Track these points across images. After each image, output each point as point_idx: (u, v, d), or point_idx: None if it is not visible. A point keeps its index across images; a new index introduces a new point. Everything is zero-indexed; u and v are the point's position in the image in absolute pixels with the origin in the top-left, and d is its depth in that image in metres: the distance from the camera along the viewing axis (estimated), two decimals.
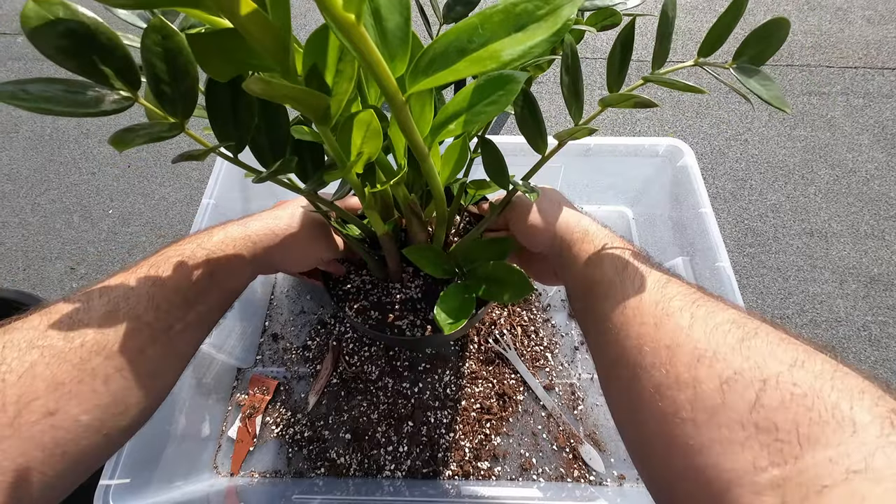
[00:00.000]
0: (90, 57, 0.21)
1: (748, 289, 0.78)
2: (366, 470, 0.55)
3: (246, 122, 0.28)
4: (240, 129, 0.28)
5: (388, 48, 0.23)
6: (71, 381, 0.24)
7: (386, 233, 0.40)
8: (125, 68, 0.22)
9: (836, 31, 1.15)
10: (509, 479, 0.55)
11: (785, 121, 0.99)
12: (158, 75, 0.23)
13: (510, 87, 0.24)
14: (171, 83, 0.23)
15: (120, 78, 0.22)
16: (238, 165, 0.30)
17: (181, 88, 0.24)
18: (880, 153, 0.94)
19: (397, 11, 0.23)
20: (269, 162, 0.31)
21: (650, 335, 0.25)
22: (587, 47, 1.11)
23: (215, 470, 0.56)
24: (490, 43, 0.20)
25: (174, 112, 0.24)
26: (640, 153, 0.64)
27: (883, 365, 0.70)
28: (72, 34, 0.20)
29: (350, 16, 0.18)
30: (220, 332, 0.57)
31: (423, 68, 0.21)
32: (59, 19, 0.20)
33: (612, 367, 0.28)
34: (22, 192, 0.91)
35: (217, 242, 0.36)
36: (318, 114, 0.24)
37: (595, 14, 0.34)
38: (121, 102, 0.23)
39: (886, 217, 0.85)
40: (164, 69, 0.23)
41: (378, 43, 0.23)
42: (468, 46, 0.20)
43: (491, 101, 0.25)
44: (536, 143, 0.36)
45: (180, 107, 0.24)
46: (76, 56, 0.21)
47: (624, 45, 0.31)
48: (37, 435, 0.23)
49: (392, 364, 0.61)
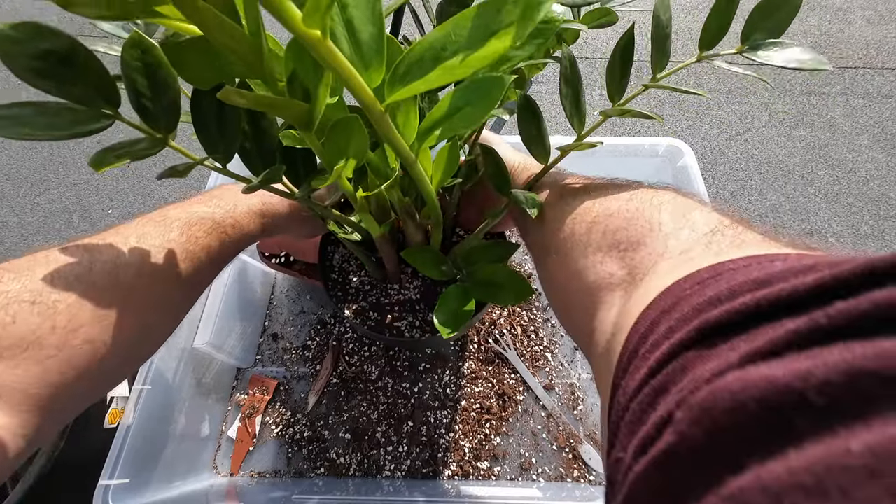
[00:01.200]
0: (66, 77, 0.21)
1: None
2: (365, 470, 0.55)
3: (233, 130, 0.27)
4: (226, 138, 0.28)
5: (362, 59, 0.23)
6: (110, 314, 0.27)
7: (382, 235, 0.40)
8: (104, 86, 0.22)
9: (835, 32, 1.15)
10: (509, 479, 0.55)
11: (785, 121, 0.99)
12: (139, 90, 0.23)
13: (494, 91, 0.23)
14: (152, 98, 0.23)
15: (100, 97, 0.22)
16: (227, 175, 0.30)
17: (163, 102, 0.23)
18: (880, 153, 0.94)
19: (370, 22, 0.22)
20: (258, 170, 0.31)
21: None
22: (587, 47, 1.11)
23: (215, 470, 0.56)
24: (462, 50, 0.19)
25: (157, 127, 0.24)
26: (640, 153, 0.64)
27: None
28: (47, 55, 0.20)
29: (314, 32, 0.17)
30: (220, 331, 0.57)
31: (400, 77, 0.21)
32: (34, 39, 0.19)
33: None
34: (21, 191, 0.91)
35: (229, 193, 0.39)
36: (300, 120, 0.24)
37: (590, 13, 0.34)
38: (100, 119, 0.22)
39: (886, 217, 0.85)
40: (144, 84, 0.23)
41: (353, 54, 0.23)
42: (441, 55, 0.20)
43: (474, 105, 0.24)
44: (540, 155, 0.36)
45: (163, 121, 0.24)
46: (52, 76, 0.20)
47: (623, 53, 0.30)
48: (75, 358, 0.26)
49: (392, 364, 0.61)
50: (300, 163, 0.33)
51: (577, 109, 0.32)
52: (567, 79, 0.32)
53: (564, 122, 0.99)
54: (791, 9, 0.27)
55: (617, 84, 0.31)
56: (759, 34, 0.28)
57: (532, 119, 0.34)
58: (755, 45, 0.28)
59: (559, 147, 0.34)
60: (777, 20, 0.27)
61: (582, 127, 0.33)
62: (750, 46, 0.28)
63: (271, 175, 0.27)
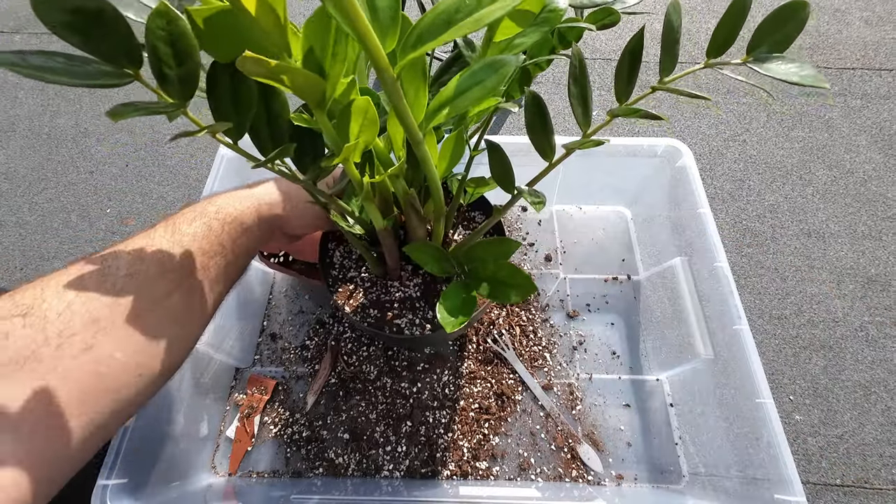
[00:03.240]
0: (94, 33, 0.22)
1: (746, 289, 0.78)
2: (364, 470, 0.55)
3: (246, 106, 0.28)
4: (240, 114, 0.29)
5: (379, 26, 0.24)
6: (105, 318, 0.26)
7: (385, 228, 0.40)
8: (128, 47, 0.23)
9: (833, 33, 1.15)
10: (507, 479, 0.55)
11: (783, 122, 1.00)
12: (161, 58, 0.24)
13: (501, 70, 0.24)
14: (173, 66, 0.24)
15: (123, 56, 0.23)
16: (237, 152, 0.31)
17: (183, 71, 0.24)
18: (878, 154, 0.94)
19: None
20: (268, 150, 0.32)
21: None
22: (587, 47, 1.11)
23: (213, 470, 0.56)
24: (476, 10, 0.20)
25: (174, 93, 0.25)
26: (639, 153, 0.64)
27: (880, 365, 0.71)
28: (77, 11, 0.21)
29: None
30: (218, 331, 0.57)
31: (413, 43, 0.22)
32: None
33: None
34: (19, 191, 0.91)
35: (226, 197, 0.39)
36: (314, 97, 0.25)
37: (594, 13, 0.34)
38: (122, 77, 0.23)
39: (884, 217, 0.86)
40: (167, 52, 0.24)
41: (369, 20, 0.24)
42: (455, 17, 0.21)
43: (481, 86, 0.25)
44: (545, 151, 0.36)
45: (181, 88, 0.25)
46: (80, 32, 0.22)
47: (633, 55, 0.31)
48: (75, 370, 0.24)
49: (390, 364, 0.61)
50: (308, 148, 0.34)
51: (584, 109, 0.33)
52: (576, 78, 0.32)
53: (564, 123, 0.99)
54: (798, 23, 0.28)
55: (625, 85, 0.32)
56: (766, 46, 0.29)
57: (538, 114, 0.35)
58: (761, 58, 0.29)
59: (564, 145, 0.34)
60: (785, 33, 0.28)
61: (588, 125, 0.33)
62: (755, 58, 0.29)
63: (282, 152, 0.28)
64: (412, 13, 0.26)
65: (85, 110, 1.03)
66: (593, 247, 0.73)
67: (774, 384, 0.69)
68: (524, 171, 0.41)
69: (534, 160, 0.39)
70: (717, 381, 0.52)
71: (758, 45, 0.29)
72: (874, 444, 0.65)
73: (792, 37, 0.28)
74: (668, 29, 0.29)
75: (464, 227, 0.53)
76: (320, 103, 0.26)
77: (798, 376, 0.70)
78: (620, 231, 0.74)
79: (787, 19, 0.28)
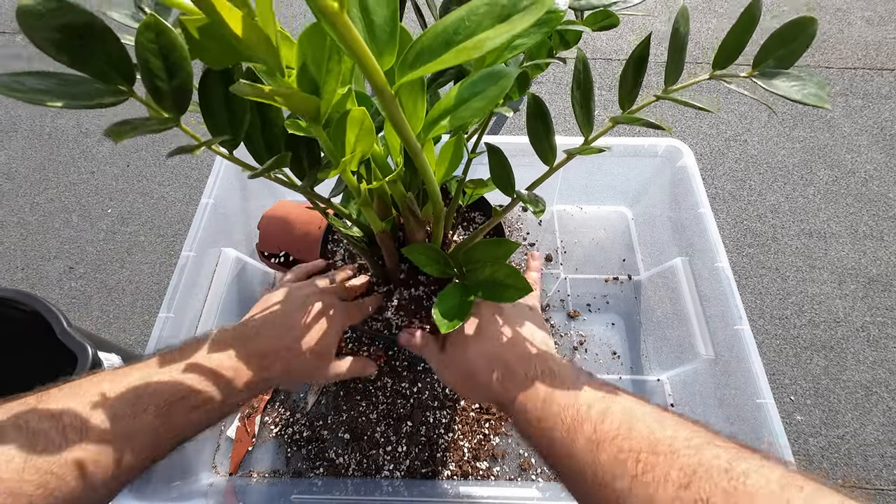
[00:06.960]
0: (85, 51, 0.22)
1: (747, 289, 0.78)
2: (364, 470, 0.55)
3: (239, 117, 0.28)
4: (234, 125, 0.28)
5: (376, 43, 0.23)
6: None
7: (383, 230, 0.40)
8: (120, 63, 0.23)
9: (835, 33, 1.15)
10: (508, 479, 0.55)
11: (784, 122, 0.99)
12: (153, 71, 0.23)
13: (502, 82, 0.24)
14: (165, 79, 0.24)
15: (115, 72, 0.23)
16: (234, 162, 0.30)
17: (176, 83, 0.24)
18: (879, 154, 0.94)
19: (384, 5, 0.23)
20: (264, 158, 0.31)
21: None
22: (586, 48, 1.11)
23: (214, 470, 0.56)
24: (475, 34, 0.20)
25: (168, 107, 0.25)
26: (640, 153, 0.64)
27: (882, 365, 0.71)
28: (66, 28, 0.21)
29: (333, 3, 0.18)
30: None
31: (411, 62, 0.22)
32: (54, 12, 0.20)
33: None
34: (20, 191, 0.91)
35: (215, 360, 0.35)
36: (309, 113, 0.24)
37: (593, 14, 0.34)
38: (116, 95, 0.23)
39: (885, 217, 0.86)
40: (158, 65, 0.23)
41: (366, 37, 0.23)
42: (454, 38, 0.20)
43: (482, 96, 0.25)
44: (546, 155, 0.35)
45: (175, 101, 0.25)
46: (70, 50, 0.21)
47: (637, 63, 0.31)
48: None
49: (391, 364, 0.61)
50: (304, 153, 0.34)
51: (586, 113, 0.33)
52: (579, 82, 0.32)
53: (563, 123, 0.99)
54: (806, 38, 0.28)
55: (628, 92, 0.31)
56: (772, 60, 0.28)
57: (540, 118, 0.34)
58: (766, 72, 0.28)
59: (565, 150, 0.34)
60: (791, 49, 0.28)
61: (590, 130, 0.33)
62: (761, 72, 0.29)
63: (278, 161, 0.28)
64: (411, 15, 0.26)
65: (86, 111, 1.04)
66: (594, 247, 0.73)
67: (775, 384, 0.69)
68: (525, 171, 0.41)
69: (534, 160, 0.39)
70: (718, 382, 0.52)
71: (764, 60, 0.29)
72: (875, 445, 0.65)
73: (798, 53, 0.28)
74: (674, 37, 0.29)
75: (464, 228, 0.53)
76: (315, 118, 0.25)
77: (799, 377, 0.70)
78: (621, 231, 0.74)
79: (796, 35, 0.28)
